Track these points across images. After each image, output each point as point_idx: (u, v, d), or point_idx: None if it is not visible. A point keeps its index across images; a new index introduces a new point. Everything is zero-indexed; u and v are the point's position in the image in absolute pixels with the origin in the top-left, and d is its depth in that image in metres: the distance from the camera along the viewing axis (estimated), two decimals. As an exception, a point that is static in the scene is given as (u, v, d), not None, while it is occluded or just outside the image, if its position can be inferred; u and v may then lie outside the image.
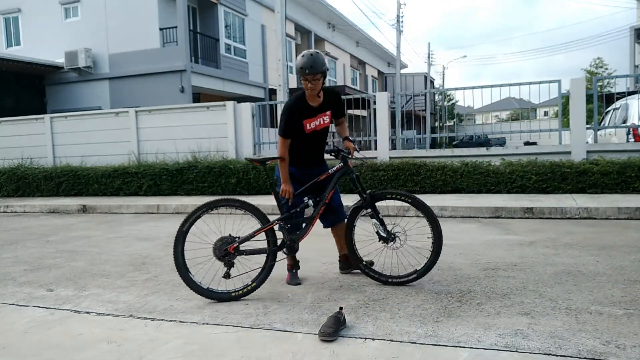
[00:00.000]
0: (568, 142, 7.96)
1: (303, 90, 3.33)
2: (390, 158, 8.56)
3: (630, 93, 9.66)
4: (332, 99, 3.46)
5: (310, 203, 3.31)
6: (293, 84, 20.54)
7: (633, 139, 8.05)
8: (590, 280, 3.26)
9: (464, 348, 2.28)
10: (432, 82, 40.08)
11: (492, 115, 73.51)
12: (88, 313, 3.02)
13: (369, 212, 3.37)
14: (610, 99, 11.81)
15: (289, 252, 3.32)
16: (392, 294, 3.13)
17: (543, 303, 2.85)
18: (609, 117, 9.93)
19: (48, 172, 10.27)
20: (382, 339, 2.42)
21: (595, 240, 4.54)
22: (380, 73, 36.16)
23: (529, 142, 15.20)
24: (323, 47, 25.15)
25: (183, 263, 3.16)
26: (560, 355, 2.16)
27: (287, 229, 3.30)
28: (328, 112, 3.44)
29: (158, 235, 5.76)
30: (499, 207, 6.17)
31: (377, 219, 3.36)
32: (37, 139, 11.45)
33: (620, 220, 5.57)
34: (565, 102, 9.95)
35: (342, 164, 3.38)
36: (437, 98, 41.88)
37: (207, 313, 2.92)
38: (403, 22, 30.61)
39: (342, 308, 2.67)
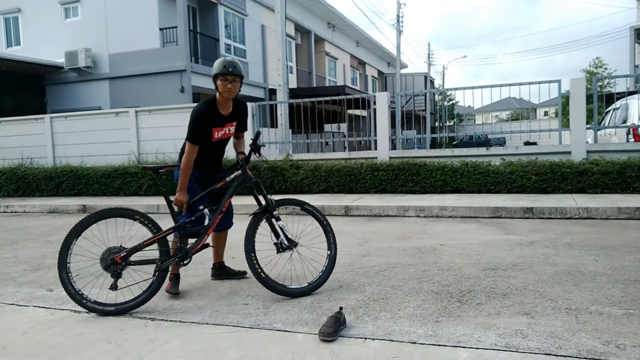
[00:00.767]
0: (568, 142, 7.96)
1: (212, 96, 3.21)
2: (391, 158, 8.56)
3: (630, 93, 9.66)
4: (240, 111, 3.37)
5: (207, 212, 3.18)
6: (293, 84, 20.56)
7: (633, 139, 8.06)
8: (590, 280, 3.26)
9: (464, 348, 2.28)
10: (432, 82, 40.10)
11: (492, 115, 73.51)
12: (88, 313, 3.02)
13: (268, 218, 3.22)
14: (610, 99, 11.81)
15: (181, 261, 3.15)
16: (392, 294, 3.13)
17: (543, 303, 2.85)
18: (609, 117, 9.93)
19: (48, 172, 10.26)
20: (382, 339, 2.41)
21: (595, 240, 4.54)
22: (380, 73, 36.17)
23: (529, 142, 15.23)
24: (323, 47, 25.16)
25: (67, 278, 2.98)
26: (560, 355, 2.16)
27: (181, 239, 3.17)
28: (235, 122, 3.34)
29: (158, 235, 5.75)
30: (499, 207, 6.17)
31: (276, 227, 3.22)
32: (37, 139, 11.45)
33: (620, 220, 5.57)
34: (565, 102, 9.94)
35: (239, 172, 3.25)
36: (437, 98, 41.91)
37: (207, 313, 2.92)
38: (403, 22, 30.63)
39: (342, 308, 2.67)
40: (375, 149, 8.97)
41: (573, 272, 3.48)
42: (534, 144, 11.34)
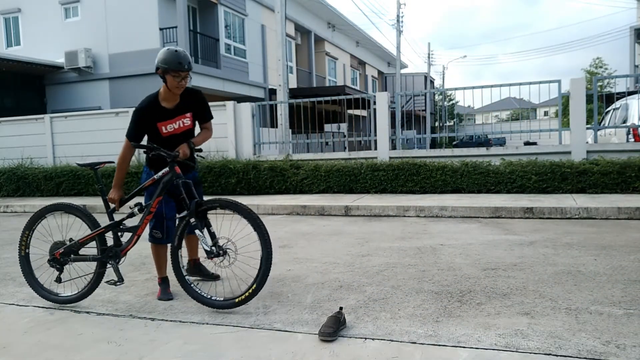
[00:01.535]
0: (568, 142, 7.96)
1: (155, 92, 3.13)
2: (391, 158, 8.56)
3: (630, 93, 9.65)
4: (193, 100, 3.23)
5: (136, 211, 3.09)
6: (293, 84, 20.55)
7: (633, 139, 8.05)
8: (590, 280, 3.26)
9: (464, 348, 2.28)
10: (432, 82, 40.12)
11: (492, 115, 73.52)
12: (88, 313, 3.02)
13: (194, 222, 2.93)
14: (610, 99, 11.81)
15: (112, 260, 3.11)
16: (392, 294, 3.13)
17: (543, 303, 2.85)
18: (609, 117, 9.92)
19: (48, 172, 10.26)
20: (382, 339, 2.41)
21: (595, 240, 4.54)
22: (380, 73, 36.18)
23: (529, 142, 15.20)
24: (323, 47, 25.17)
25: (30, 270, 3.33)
26: (560, 355, 2.16)
27: (115, 237, 3.13)
28: (189, 114, 3.21)
29: (158, 235, 5.75)
30: (499, 207, 6.17)
31: (205, 231, 2.95)
32: (37, 139, 11.43)
33: (620, 220, 5.57)
34: (565, 102, 9.95)
35: (167, 169, 3.04)
36: (437, 98, 41.93)
37: (207, 313, 2.92)
38: (403, 22, 30.64)
39: (342, 308, 2.67)
40: (375, 149, 8.97)
41: (573, 272, 3.48)
42: (534, 144, 11.32)
